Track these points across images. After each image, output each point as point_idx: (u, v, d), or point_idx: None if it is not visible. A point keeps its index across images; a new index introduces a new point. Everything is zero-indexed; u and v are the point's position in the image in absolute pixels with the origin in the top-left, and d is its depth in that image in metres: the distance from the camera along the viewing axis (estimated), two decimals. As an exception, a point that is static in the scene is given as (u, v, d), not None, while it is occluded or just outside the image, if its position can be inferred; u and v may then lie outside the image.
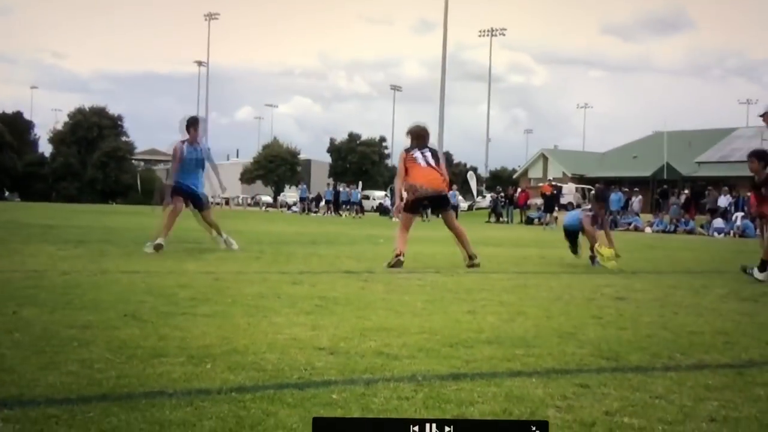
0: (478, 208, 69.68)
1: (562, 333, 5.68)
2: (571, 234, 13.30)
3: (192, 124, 13.32)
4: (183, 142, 13.16)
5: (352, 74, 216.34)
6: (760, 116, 10.96)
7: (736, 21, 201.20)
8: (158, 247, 12.08)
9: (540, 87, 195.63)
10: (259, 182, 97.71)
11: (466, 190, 73.41)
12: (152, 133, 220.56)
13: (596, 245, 11.96)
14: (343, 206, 58.06)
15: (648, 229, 40.85)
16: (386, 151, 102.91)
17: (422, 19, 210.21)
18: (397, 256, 11.15)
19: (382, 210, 64.66)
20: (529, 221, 47.71)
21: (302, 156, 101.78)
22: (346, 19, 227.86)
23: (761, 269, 10.56)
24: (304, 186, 68.25)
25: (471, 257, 11.63)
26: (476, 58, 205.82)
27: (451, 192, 48.91)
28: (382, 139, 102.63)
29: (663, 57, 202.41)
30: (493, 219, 52.24)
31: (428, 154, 11.95)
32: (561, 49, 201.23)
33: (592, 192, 12.32)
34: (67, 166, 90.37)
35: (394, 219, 46.11)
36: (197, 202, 13.29)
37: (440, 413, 3.49)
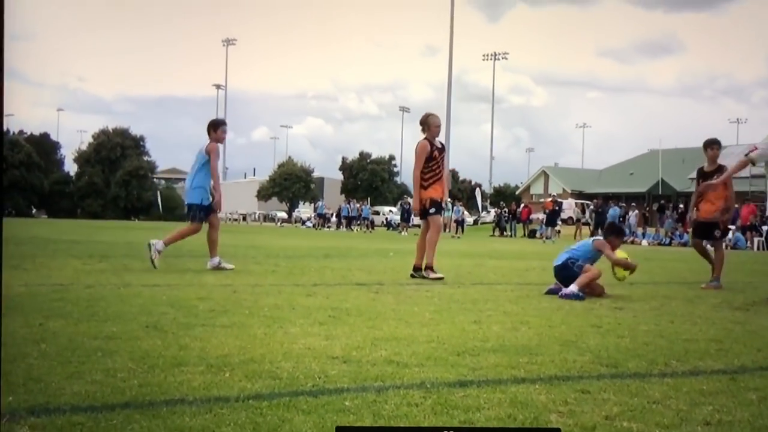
0: (482, 223, 69.72)
1: (563, 341, 5.66)
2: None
3: (218, 125, 12.09)
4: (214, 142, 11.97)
5: (362, 96, 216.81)
6: None
7: (724, 44, 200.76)
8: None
9: (540, 107, 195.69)
10: (274, 199, 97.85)
11: (472, 206, 73.42)
12: (172, 152, 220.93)
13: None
14: (354, 221, 58.22)
15: (644, 242, 40.83)
16: (395, 169, 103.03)
17: (427, 44, 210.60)
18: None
19: (389, 224, 64.75)
20: (532, 235, 47.72)
21: (315, 174, 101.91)
22: (356, 44, 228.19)
23: None
24: (322, 203, 68.41)
25: (416, 268, 11.35)
26: (478, 81, 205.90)
27: (455, 207, 49.17)
28: (391, 158, 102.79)
29: (656, 78, 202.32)
30: (497, 233, 52.36)
31: None
32: (559, 71, 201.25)
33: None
34: (91, 184, 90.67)
35: (402, 234, 46.16)
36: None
37: (448, 419, 3.48)
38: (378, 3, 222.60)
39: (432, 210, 11.45)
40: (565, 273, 9.40)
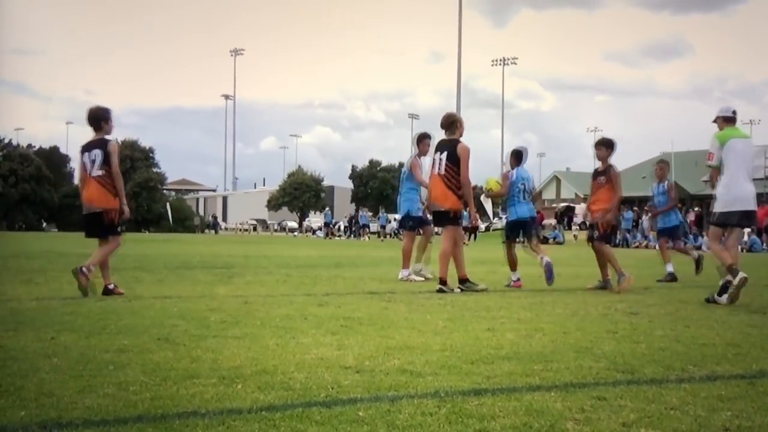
0: (494, 229, 69.61)
1: (578, 348, 5.64)
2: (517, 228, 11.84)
3: (421, 138, 12.77)
4: (418, 156, 12.77)
5: (369, 104, 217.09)
6: (714, 122, 10.05)
7: (733, 45, 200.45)
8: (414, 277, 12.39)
9: (549, 112, 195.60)
10: (284, 208, 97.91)
11: (482, 213, 73.24)
12: (182, 163, 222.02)
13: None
14: (364, 229, 58.62)
15: (657, 246, 40.70)
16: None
17: (433, 51, 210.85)
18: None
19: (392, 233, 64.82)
20: (544, 241, 47.65)
21: (325, 183, 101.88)
22: (361, 52, 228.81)
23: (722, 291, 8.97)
24: (329, 211, 68.56)
25: (461, 280, 10.62)
26: (486, 86, 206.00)
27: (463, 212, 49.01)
28: (401, 165, 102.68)
29: (665, 81, 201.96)
30: (509, 239, 52.29)
31: (443, 157, 10.51)
32: (567, 75, 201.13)
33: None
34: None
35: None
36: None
37: (463, 428, 3.47)
38: (382, 11, 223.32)
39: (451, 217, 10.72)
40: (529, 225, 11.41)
